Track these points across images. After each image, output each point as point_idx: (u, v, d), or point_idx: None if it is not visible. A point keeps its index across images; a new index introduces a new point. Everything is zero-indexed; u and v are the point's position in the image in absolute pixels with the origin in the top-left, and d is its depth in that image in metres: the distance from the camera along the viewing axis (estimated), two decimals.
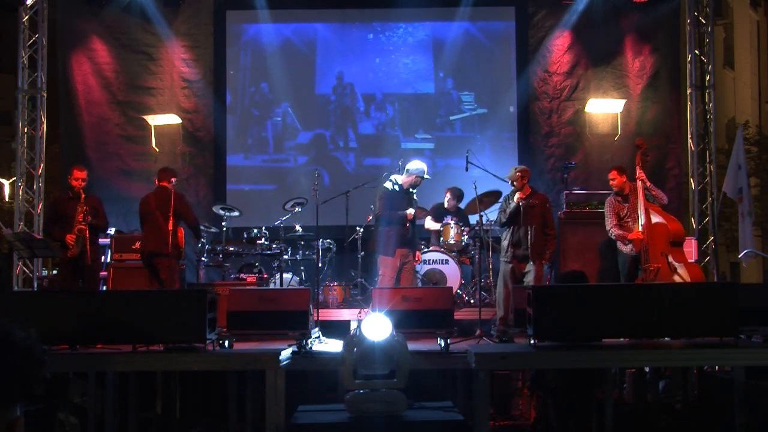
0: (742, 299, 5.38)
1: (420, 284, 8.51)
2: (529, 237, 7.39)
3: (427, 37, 11.18)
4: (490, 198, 8.81)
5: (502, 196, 8.15)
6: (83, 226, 7.70)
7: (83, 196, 7.82)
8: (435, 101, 11.11)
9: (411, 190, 8.09)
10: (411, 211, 7.90)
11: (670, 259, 7.30)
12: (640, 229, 7.43)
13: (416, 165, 8.11)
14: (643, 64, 10.70)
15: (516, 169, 7.75)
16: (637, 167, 7.65)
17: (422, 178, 8.04)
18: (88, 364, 5.48)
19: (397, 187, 8.06)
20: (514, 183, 7.62)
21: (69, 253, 7.71)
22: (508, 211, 7.59)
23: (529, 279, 7.35)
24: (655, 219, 7.44)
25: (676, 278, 7.22)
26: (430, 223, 9.38)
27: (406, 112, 11.10)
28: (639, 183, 7.56)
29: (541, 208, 7.50)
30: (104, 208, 8.21)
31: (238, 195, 10.72)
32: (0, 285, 9.93)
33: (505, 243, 7.63)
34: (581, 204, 9.22)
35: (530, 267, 7.40)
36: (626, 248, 7.68)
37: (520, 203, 7.47)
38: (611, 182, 7.91)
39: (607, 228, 7.83)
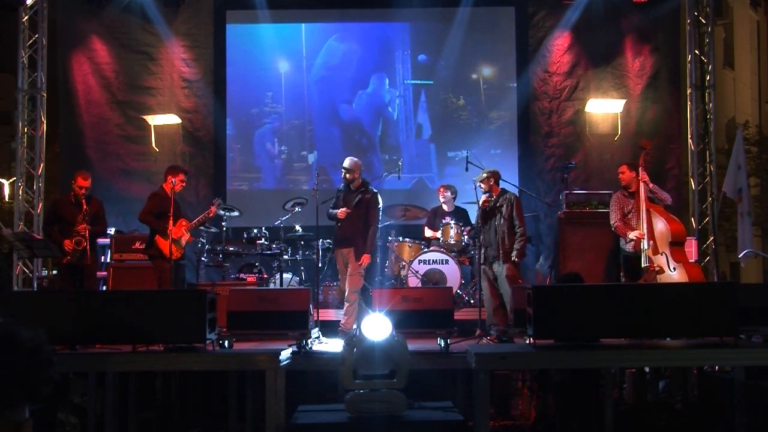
0: (742, 299, 5.37)
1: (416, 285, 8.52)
2: (497, 237, 7.45)
3: (427, 37, 11.18)
4: None
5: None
6: (81, 238, 7.65)
7: (85, 206, 7.73)
8: (435, 101, 11.10)
9: (359, 188, 7.91)
10: (340, 210, 7.77)
11: (670, 258, 7.30)
12: (642, 231, 7.43)
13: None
14: (643, 64, 10.70)
15: (483, 172, 7.80)
16: (641, 169, 7.62)
17: (347, 170, 7.90)
18: (88, 364, 5.48)
19: (342, 186, 8.07)
20: (482, 186, 7.65)
21: (64, 260, 7.71)
22: (477, 215, 7.72)
23: (502, 279, 7.37)
24: (656, 220, 7.43)
25: (675, 278, 7.22)
26: (428, 232, 9.43)
27: (407, 111, 11.10)
28: (642, 185, 7.54)
29: (509, 209, 7.52)
30: (105, 210, 8.17)
31: (238, 195, 10.72)
32: (0, 285, 9.94)
33: (479, 245, 7.70)
34: (581, 204, 9.22)
35: (501, 267, 7.41)
36: (627, 246, 7.68)
37: (486, 207, 7.57)
38: (620, 176, 7.91)
39: (611, 222, 7.86)
